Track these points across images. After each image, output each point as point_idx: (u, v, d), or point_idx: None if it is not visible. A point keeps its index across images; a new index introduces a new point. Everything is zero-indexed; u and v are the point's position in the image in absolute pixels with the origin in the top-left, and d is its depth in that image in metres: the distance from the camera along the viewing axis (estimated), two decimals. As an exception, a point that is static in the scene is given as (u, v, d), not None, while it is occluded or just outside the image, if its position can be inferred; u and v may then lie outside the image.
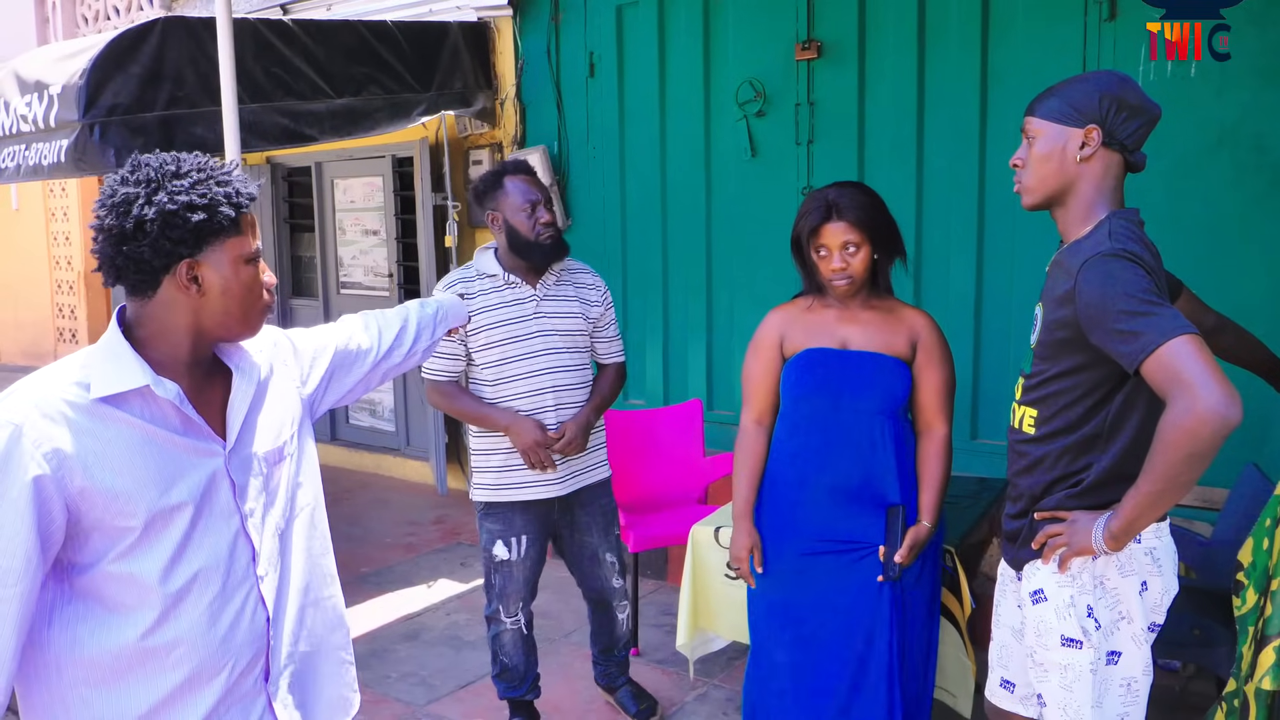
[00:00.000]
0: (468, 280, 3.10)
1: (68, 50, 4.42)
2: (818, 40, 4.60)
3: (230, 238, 1.55)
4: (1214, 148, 3.75)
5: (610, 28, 5.33)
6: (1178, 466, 1.75)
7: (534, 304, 3.09)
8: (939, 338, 2.61)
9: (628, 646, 3.56)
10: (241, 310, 1.58)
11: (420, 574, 4.98)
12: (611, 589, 3.37)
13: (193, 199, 1.50)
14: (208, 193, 1.52)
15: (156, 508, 1.50)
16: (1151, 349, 1.74)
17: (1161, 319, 1.75)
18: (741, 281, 5.02)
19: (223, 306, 1.56)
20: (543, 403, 3.09)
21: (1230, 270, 3.73)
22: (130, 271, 1.51)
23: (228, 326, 1.59)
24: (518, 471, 3.09)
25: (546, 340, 3.08)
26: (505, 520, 3.14)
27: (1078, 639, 1.96)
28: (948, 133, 4.33)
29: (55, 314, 10.97)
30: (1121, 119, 1.95)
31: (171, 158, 1.56)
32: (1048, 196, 2.03)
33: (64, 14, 9.00)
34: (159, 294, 1.53)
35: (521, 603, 3.23)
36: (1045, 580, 2.01)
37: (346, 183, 6.94)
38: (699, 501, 4.33)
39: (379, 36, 5.08)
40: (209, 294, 1.54)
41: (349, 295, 7.03)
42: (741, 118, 4.85)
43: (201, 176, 1.54)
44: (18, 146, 4.42)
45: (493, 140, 5.84)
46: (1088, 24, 3.93)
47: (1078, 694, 1.98)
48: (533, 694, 3.36)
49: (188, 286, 1.52)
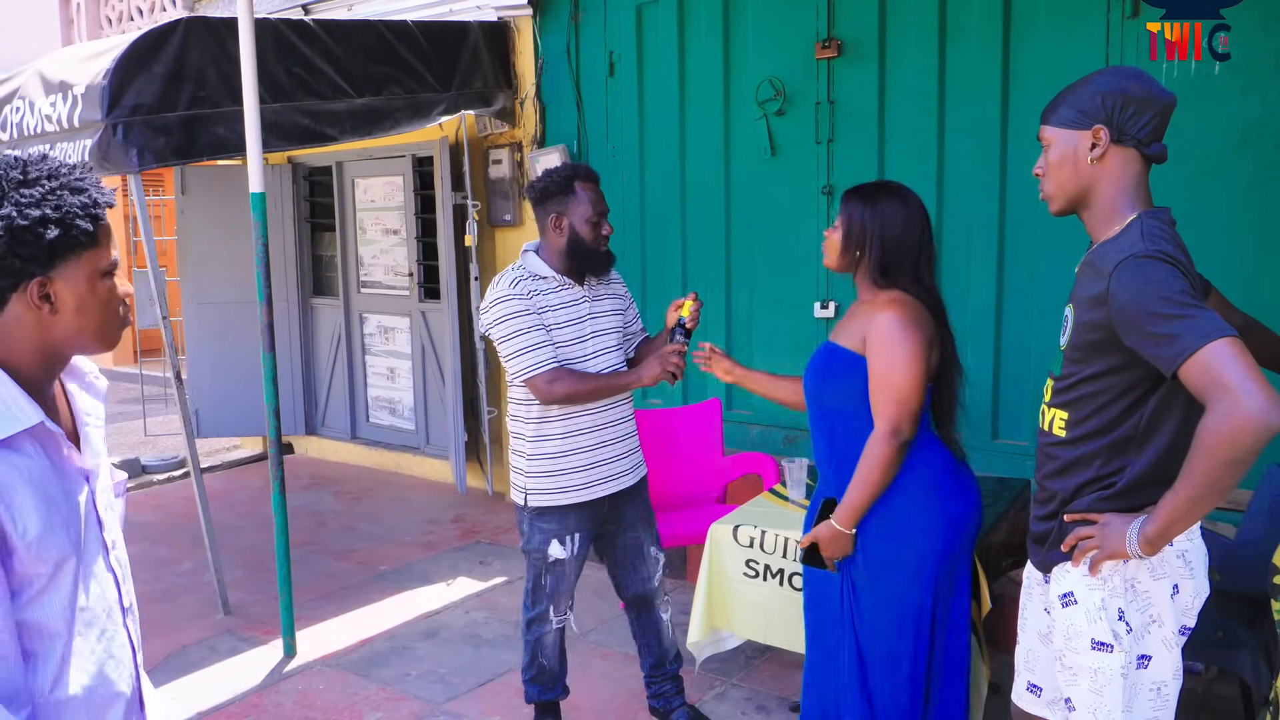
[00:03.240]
0: (527, 280, 3.04)
1: (91, 51, 4.46)
2: (838, 39, 4.59)
3: (86, 251, 1.40)
4: (1238, 147, 3.71)
5: (630, 27, 5.33)
6: (1218, 471, 1.72)
7: (586, 304, 3.11)
8: (883, 330, 2.40)
9: (678, 660, 3.43)
10: (98, 327, 1.44)
11: (439, 572, 5.00)
12: (653, 588, 3.32)
13: (45, 212, 1.35)
14: (61, 203, 1.36)
15: (63, 550, 1.39)
16: (1190, 352, 1.72)
17: (1200, 321, 1.73)
18: (761, 280, 5.01)
19: (77, 325, 1.41)
20: (607, 401, 3.12)
21: (1254, 269, 3.70)
22: None
23: (82, 345, 1.45)
24: (579, 474, 3.08)
25: (601, 339, 3.12)
26: (559, 520, 3.11)
27: (1109, 643, 1.94)
28: (969, 132, 4.31)
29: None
30: (1128, 114, 1.94)
31: (16, 161, 1.38)
32: (1070, 201, 2.03)
33: (88, 15, 9.08)
34: (6, 312, 1.38)
35: (570, 601, 3.23)
36: (1075, 583, 1.99)
37: (367, 182, 6.97)
38: (718, 500, 4.33)
39: (399, 36, 5.10)
40: (62, 312, 1.39)
41: (369, 294, 7.07)
42: (761, 116, 4.84)
43: (54, 185, 1.37)
44: (43, 146, 4.46)
45: (512, 140, 5.85)
46: (1110, 22, 3.90)
47: (1108, 698, 1.95)
48: (563, 695, 3.37)
49: (39, 305, 1.38)
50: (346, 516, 6.00)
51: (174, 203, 6.79)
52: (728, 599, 3.39)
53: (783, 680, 3.71)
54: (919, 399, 2.40)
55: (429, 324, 6.60)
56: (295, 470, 6.81)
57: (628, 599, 3.35)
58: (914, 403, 2.39)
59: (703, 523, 3.61)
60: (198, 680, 3.88)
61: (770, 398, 2.86)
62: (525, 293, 3.00)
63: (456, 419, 5.91)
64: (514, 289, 3.00)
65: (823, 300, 4.77)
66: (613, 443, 3.12)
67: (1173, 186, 3.84)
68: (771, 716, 3.49)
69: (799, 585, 3.23)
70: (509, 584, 4.81)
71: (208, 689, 3.81)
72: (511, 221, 5.89)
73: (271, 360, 4.05)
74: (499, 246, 6.02)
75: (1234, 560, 2.96)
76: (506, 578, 4.89)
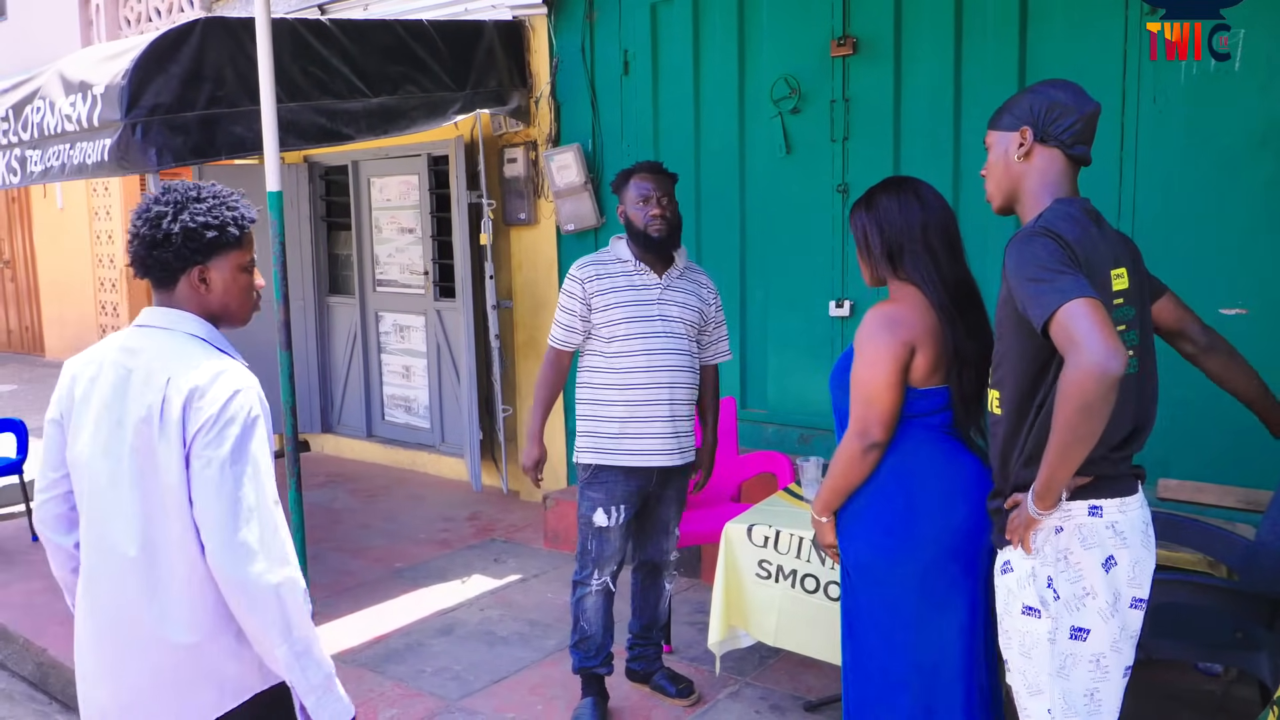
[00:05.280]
0: (603, 263, 3.40)
1: (110, 51, 4.49)
2: (853, 37, 4.58)
3: (233, 250, 1.98)
4: (1258, 145, 3.68)
5: (645, 26, 5.33)
6: (1074, 419, 1.85)
7: (658, 291, 3.37)
8: (861, 331, 2.39)
9: (664, 631, 3.68)
10: (236, 306, 2.02)
11: (454, 570, 5.01)
12: (667, 560, 3.60)
13: (208, 219, 1.93)
14: (219, 215, 1.95)
15: None
16: (1052, 309, 1.87)
17: (1062, 283, 1.88)
18: (775, 279, 5.01)
19: (221, 302, 2.00)
20: (656, 379, 3.34)
21: (1274, 268, 3.67)
22: (156, 270, 1.94)
23: (224, 317, 2.02)
24: (633, 440, 3.34)
25: (667, 325, 3.36)
26: (608, 490, 3.37)
27: (1036, 608, 2.06)
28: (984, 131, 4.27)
29: (98, 311, 11.14)
30: (1053, 118, 2.12)
31: (194, 186, 1.98)
32: (1005, 197, 2.22)
33: (107, 16, 9.14)
34: (177, 289, 1.96)
35: (614, 567, 3.44)
36: (1012, 553, 2.13)
37: (383, 181, 6.99)
38: (732, 499, 4.33)
39: (415, 36, 5.11)
40: (213, 291, 1.98)
41: (385, 293, 7.09)
42: (776, 115, 4.83)
43: (215, 202, 1.95)
44: (62, 146, 4.49)
45: (527, 138, 5.86)
46: (1128, 20, 3.88)
47: (1036, 661, 2.08)
48: (606, 668, 3.51)
49: (199, 285, 1.96)
50: (362, 514, 6.02)
51: (192, 202, 6.82)
52: (743, 599, 3.39)
53: (796, 679, 3.71)
54: (889, 401, 2.35)
55: (444, 322, 6.62)
56: (311, 468, 6.84)
57: (640, 562, 3.61)
58: (882, 405, 2.34)
59: (718, 521, 3.61)
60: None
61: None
62: (586, 276, 3.35)
63: (471, 417, 5.93)
64: (579, 271, 3.38)
65: (838, 299, 4.76)
66: (667, 419, 3.35)
67: (1191, 185, 3.83)
68: (786, 716, 3.49)
69: (811, 587, 3.23)
70: (524, 582, 4.82)
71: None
72: (526, 220, 5.90)
73: (288, 358, 4.07)
74: (514, 245, 6.03)
75: (1253, 561, 2.94)
76: (521, 575, 4.90)
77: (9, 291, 12.73)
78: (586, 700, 3.48)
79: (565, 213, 5.60)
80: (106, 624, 1.91)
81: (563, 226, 5.64)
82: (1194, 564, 3.25)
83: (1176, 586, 2.78)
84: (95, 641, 1.93)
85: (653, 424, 3.34)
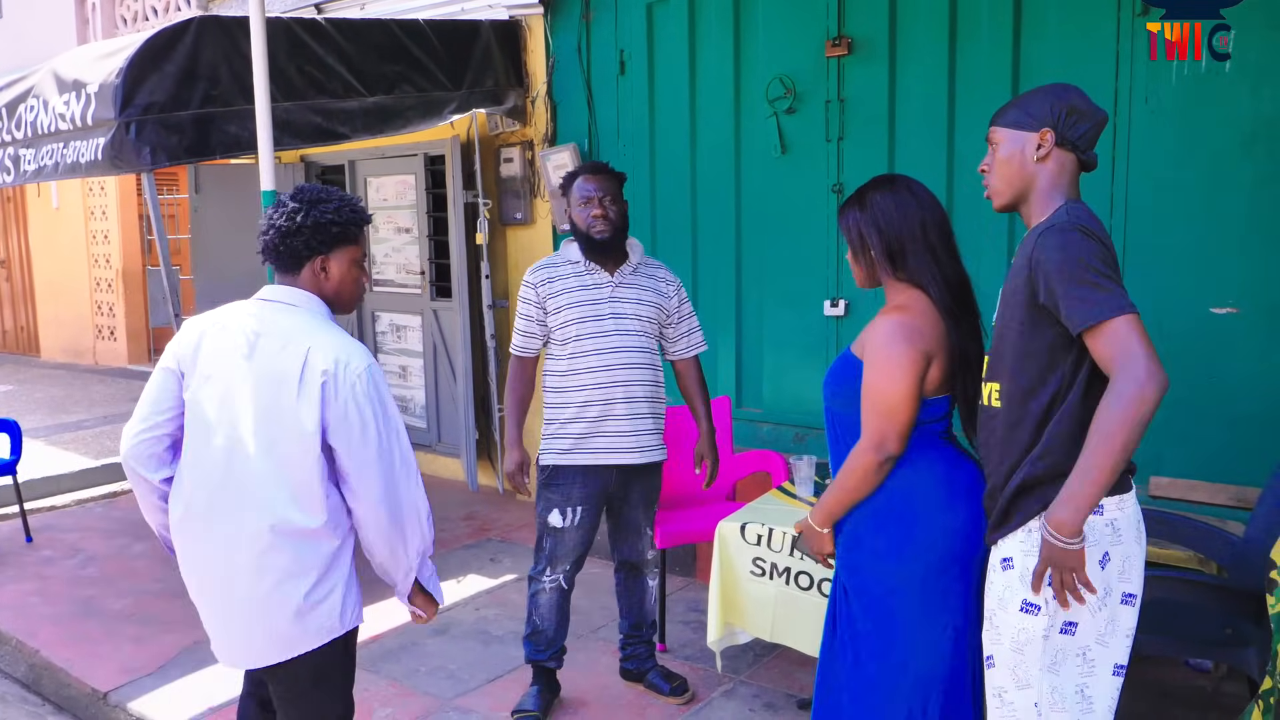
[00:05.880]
0: (554, 266, 3.44)
1: (105, 50, 4.49)
2: (848, 37, 4.59)
3: (350, 245, 2.38)
4: (1249, 145, 3.70)
5: (641, 25, 5.34)
6: (1132, 435, 1.89)
7: (610, 289, 3.39)
8: (877, 339, 2.34)
9: (654, 628, 3.69)
10: (347, 294, 2.42)
11: (450, 569, 5.01)
12: (646, 559, 3.60)
13: (332, 217, 2.32)
14: (342, 214, 2.34)
15: None
16: (1103, 319, 1.91)
17: (1116, 294, 1.93)
18: (771, 279, 5.02)
19: (335, 290, 2.39)
20: (611, 378, 3.35)
21: (1264, 267, 3.69)
22: (286, 256, 2.33)
23: (335, 304, 2.40)
24: (584, 439, 3.36)
25: (620, 323, 3.37)
26: (564, 491, 3.40)
27: (1037, 605, 2.06)
28: (979, 130, 4.22)
29: (94, 311, 11.13)
30: (1072, 121, 2.15)
31: (322, 188, 2.39)
32: (1014, 196, 2.22)
33: (103, 15, 9.14)
34: (301, 274, 2.35)
35: (568, 567, 3.47)
36: (1014, 549, 2.12)
37: (379, 180, 6.99)
38: (727, 498, 4.34)
39: (411, 35, 5.12)
40: (331, 279, 2.37)
41: (381, 293, 7.09)
42: (772, 115, 4.85)
43: (340, 204, 2.35)
44: (56, 145, 4.50)
45: (524, 138, 5.86)
46: (1120, 20, 3.89)
47: (1028, 657, 2.09)
48: (555, 663, 3.56)
49: (320, 273, 2.35)
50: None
51: (187, 201, 6.82)
52: (738, 597, 3.40)
53: (791, 677, 3.71)
54: (907, 413, 2.30)
55: (440, 322, 6.62)
56: (307, 467, 6.82)
57: (619, 562, 3.64)
58: (901, 417, 2.29)
59: (712, 520, 3.61)
60: (211, 675, 3.90)
61: None
62: (538, 280, 3.40)
63: (468, 417, 5.93)
64: (532, 275, 3.43)
65: (833, 299, 4.77)
66: (621, 418, 3.36)
67: (1182, 184, 3.85)
68: (780, 714, 3.50)
69: (805, 584, 3.24)
70: (519, 581, 4.82)
71: (221, 684, 3.83)
72: (523, 220, 5.91)
73: (283, 357, 4.07)
74: (510, 245, 6.04)
75: (1242, 558, 2.96)
76: (517, 575, 4.90)
77: (4, 292, 12.71)
78: (533, 689, 3.55)
79: (561, 212, 5.61)
80: (219, 549, 2.32)
81: (559, 226, 5.65)
82: (1185, 561, 3.27)
83: (1168, 583, 2.81)
84: (205, 568, 2.38)
85: (607, 423, 3.35)
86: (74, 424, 8.23)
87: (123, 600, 4.71)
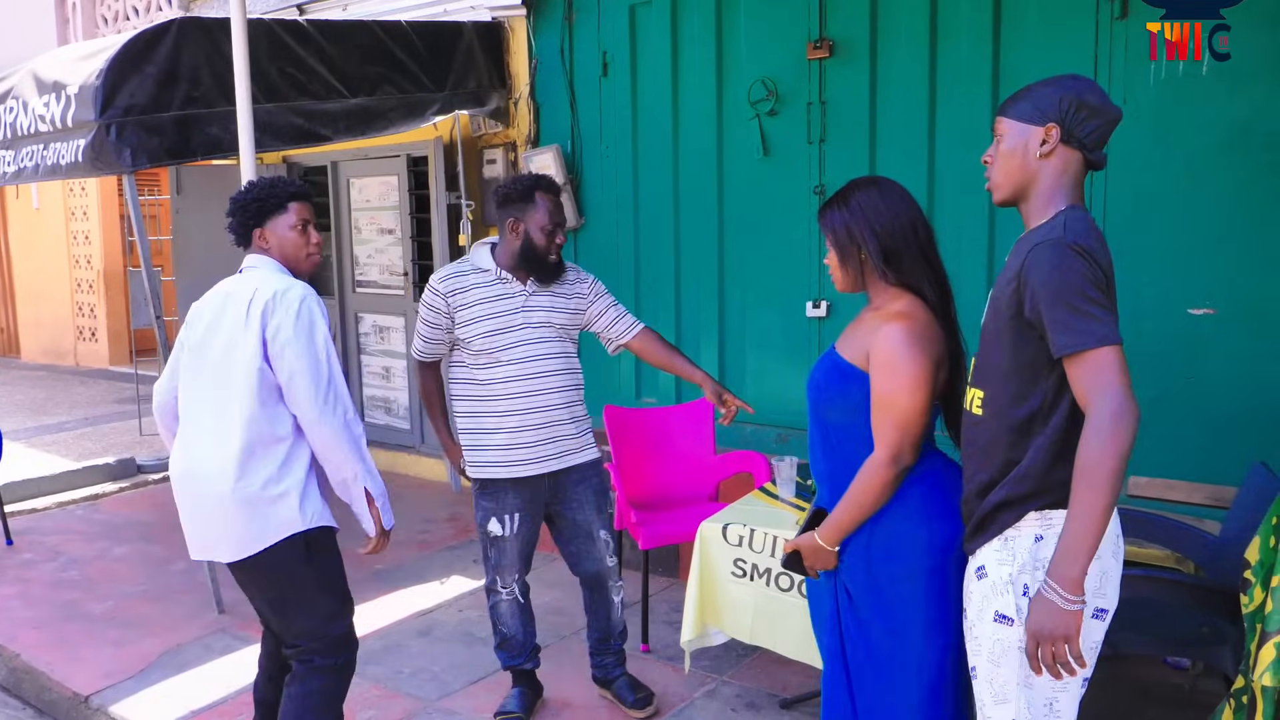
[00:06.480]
0: (463, 274, 3.35)
1: (85, 51, 4.48)
2: (830, 39, 4.61)
3: (280, 213, 2.88)
4: (1226, 147, 3.73)
5: (623, 27, 5.35)
6: (1119, 464, 1.83)
7: (522, 299, 3.32)
8: (889, 347, 2.25)
9: (623, 636, 3.64)
10: (291, 252, 2.91)
11: (433, 570, 5.01)
12: (606, 568, 3.51)
13: (254, 195, 2.88)
14: (261, 193, 2.88)
15: None
16: (1087, 347, 1.86)
17: (1104, 323, 1.87)
18: (753, 280, 5.03)
19: (279, 250, 2.88)
20: (527, 387, 3.30)
21: (1242, 269, 3.72)
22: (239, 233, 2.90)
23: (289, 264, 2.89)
24: (506, 450, 3.31)
25: (534, 331, 3.31)
26: (498, 498, 3.36)
27: (1010, 616, 2.02)
28: (959, 132, 4.33)
29: (75, 312, 11.07)
30: (1081, 118, 2.04)
31: (263, 178, 2.96)
32: (1014, 191, 2.13)
33: (84, 15, 9.09)
34: (252, 245, 2.88)
35: (516, 575, 3.43)
36: (988, 558, 2.08)
37: (362, 182, 6.98)
38: (709, 499, 4.35)
39: (393, 36, 5.12)
40: (271, 244, 2.88)
41: (364, 294, 7.08)
42: (754, 117, 4.86)
43: (263, 186, 2.91)
44: (36, 146, 4.48)
45: (506, 139, 5.86)
46: (1099, 22, 3.92)
47: (1005, 669, 2.05)
48: (532, 663, 3.55)
49: (261, 240, 2.88)
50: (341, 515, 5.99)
51: (169, 203, 6.79)
52: (717, 597, 3.40)
53: (773, 676, 3.73)
54: (922, 424, 2.25)
55: (424, 323, 6.61)
56: (290, 469, 6.80)
57: (580, 576, 3.55)
58: (917, 428, 2.23)
59: (694, 521, 3.62)
60: (192, 678, 3.89)
61: None
62: (448, 290, 3.31)
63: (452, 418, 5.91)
64: (439, 284, 3.33)
65: (815, 299, 4.79)
66: (539, 427, 3.31)
67: (1163, 186, 3.88)
68: (762, 713, 3.51)
69: (785, 585, 3.25)
70: (502, 582, 4.82)
71: (202, 687, 3.82)
72: (505, 221, 5.90)
73: (265, 359, 4.06)
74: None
75: (1218, 557, 2.98)
76: (500, 576, 4.90)
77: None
78: (515, 690, 3.55)
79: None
80: (191, 471, 2.76)
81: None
82: (1162, 560, 3.29)
83: (1145, 582, 2.82)
84: (182, 483, 2.79)
85: (525, 433, 3.29)
86: (55, 426, 8.19)
87: (104, 603, 4.69)
